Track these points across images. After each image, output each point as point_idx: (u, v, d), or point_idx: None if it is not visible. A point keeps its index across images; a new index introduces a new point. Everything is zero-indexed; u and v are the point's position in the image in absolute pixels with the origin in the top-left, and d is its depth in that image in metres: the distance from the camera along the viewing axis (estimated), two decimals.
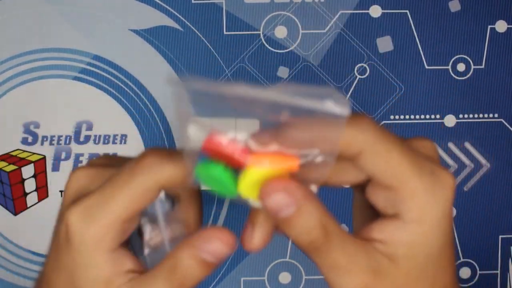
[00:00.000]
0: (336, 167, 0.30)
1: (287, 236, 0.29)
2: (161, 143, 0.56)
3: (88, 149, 0.55)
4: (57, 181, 0.55)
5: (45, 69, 0.55)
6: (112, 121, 0.56)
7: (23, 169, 0.55)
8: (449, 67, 0.56)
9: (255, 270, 0.56)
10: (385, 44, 0.56)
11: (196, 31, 0.55)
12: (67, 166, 0.55)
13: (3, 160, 0.55)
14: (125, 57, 0.55)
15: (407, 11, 0.56)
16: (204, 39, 0.56)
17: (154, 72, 0.56)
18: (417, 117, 0.56)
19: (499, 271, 0.57)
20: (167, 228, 0.32)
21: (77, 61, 0.55)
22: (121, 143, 0.56)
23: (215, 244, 0.29)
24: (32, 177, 0.55)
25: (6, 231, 0.56)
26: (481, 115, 0.56)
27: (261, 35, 0.56)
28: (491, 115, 0.56)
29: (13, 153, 0.55)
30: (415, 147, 0.30)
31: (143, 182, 0.30)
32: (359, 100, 0.56)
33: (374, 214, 0.31)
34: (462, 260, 0.28)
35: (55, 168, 0.55)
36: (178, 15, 0.55)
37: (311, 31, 0.56)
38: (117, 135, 0.56)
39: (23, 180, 0.56)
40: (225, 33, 0.56)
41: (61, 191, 0.55)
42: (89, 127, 0.56)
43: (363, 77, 0.56)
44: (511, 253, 0.57)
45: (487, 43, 0.56)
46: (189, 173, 0.29)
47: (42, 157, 0.55)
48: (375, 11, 0.56)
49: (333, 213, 0.30)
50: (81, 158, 0.56)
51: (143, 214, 0.32)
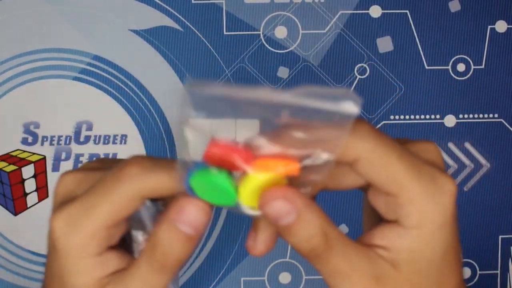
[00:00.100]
0: (335, 171, 0.30)
1: (288, 243, 0.29)
2: (161, 143, 0.56)
3: (88, 149, 0.55)
4: None
5: (45, 69, 0.55)
6: (112, 121, 0.56)
7: (23, 169, 0.55)
8: (449, 67, 0.56)
9: (255, 270, 0.56)
10: (385, 44, 0.56)
11: (196, 31, 0.55)
12: (67, 166, 0.55)
13: (3, 160, 0.55)
14: (125, 57, 0.55)
15: (407, 11, 0.56)
16: (204, 39, 0.56)
17: (154, 72, 0.56)
18: (417, 117, 0.56)
19: (499, 271, 0.57)
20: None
21: (77, 61, 0.55)
22: (121, 143, 0.56)
23: (191, 212, 0.28)
24: (32, 177, 0.55)
25: (6, 231, 0.56)
26: (481, 115, 0.56)
27: (261, 35, 0.56)
28: (491, 115, 0.56)
29: (13, 153, 0.55)
30: (418, 150, 0.30)
31: (125, 191, 0.29)
32: None
33: (381, 218, 0.31)
34: (462, 260, 0.28)
35: (55, 168, 0.55)
36: (178, 15, 0.55)
37: (311, 31, 0.56)
38: (117, 135, 0.56)
39: (23, 180, 0.56)
40: (225, 33, 0.55)
41: None
42: (89, 127, 0.56)
43: (363, 77, 0.56)
44: (511, 253, 0.57)
45: (487, 43, 0.56)
46: (180, 181, 0.28)
47: (42, 157, 0.55)
48: (375, 11, 0.56)
49: (333, 213, 0.30)
50: (81, 158, 0.56)
51: (131, 219, 0.32)
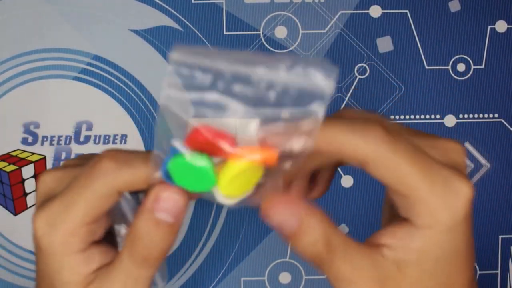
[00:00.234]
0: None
1: (294, 250, 0.29)
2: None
3: (88, 149, 0.55)
4: None
5: (45, 69, 0.55)
6: (112, 121, 0.56)
7: (23, 169, 0.55)
8: (449, 67, 0.56)
9: (255, 270, 0.56)
10: (385, 44, 0.56)
11: (196, 31, 0.55)
12: None
13: (3, 160, 0.55)
14: (125, 57, 0.55)
15: (407, 11, 0.56)
16: (204, 39, 0.56)
17: (154, 72, 0.56)
18: (417, 117, 0.56)
19: (499, 271, 0.57)
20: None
21: (77, 61, 0.55)
22: (121, 143, 0.56)
23: (168, 199, 0.28)
24: (32, 177, 0.55)
25: (6, 231, 0.56)
26: (481, 115, 0.56)
27: (261, 35, 0.56)
28: (491, 115, 0.56)
29: (13, 153, 0.55)
30: (441, 148, 0.30)
31: (100, 187, 0.29)
32: (359, 100, 0.56)
33: (397, 215, 0.31)
34: (474, 264, 0.28)
35: None
36: (178, 15, 0.55)
37: (311, 31, 0.56)
38: (117, 135, 0.56)
39: (23, 180, 0.55)
40: (225, 33, 0.55)
41: None
42: (89, 127, 0.56)
43: (363, 77, 0.56)
44: (511, 253, 0.57)
45: (487, 43, 0.56)
46: (156, 168, 0.28)
47: (42, 157, 0.55)
48: (375, 11, 0.56)
49: (333, 213, 0.30)
50: None
51: (113, 213, 0.32)
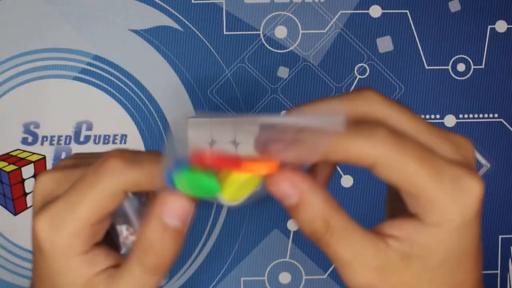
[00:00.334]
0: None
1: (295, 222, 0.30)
2: (161, 143, 0.56)
3: (88, 149, 0.55)
4: None
5: (45, 69, 0.55)
6: (112, 121, 0.56)
7: (23, 169, 0.55)
8: (449, 67, 0.56)
9: (255, 270, 0.56)
10: (385, 44, 0.56)
11: (196, 31, 0.55)
12: None
13: (3, 160, 0.55)
14: (125, 57, 0.55)
15: (407, 11, 0.56)
16: (204, 39, 0.56)
17: (154, 72, 0.56)
18: None
19: (499, 271, 0.57)
20: (141, 224, 0.32)
21: (77, 61, 0.55)
22: (121, 143, 0.56)
23: (175, 203, 0.28)
24: (32, 177, 0.55)
25: (6, 231, 0.56)
26: (481, 115, 0.56)
27: (261, 35, 0.56)
28: (491, 115, 0.56)
29: (13, 153, 0.55)
30: (451, 144, 0.29)
31: (107, 187, 0.29)
32: None
33: (403, 208, 0.31)
34: (481, 262, 0.28)
35: None
36: (178, 15, 0.55)
37: (311, 31, 0.56)
38: (117, 135, 0.56)
39: (23, 180, 0.55)
40: (225, 33, 0.55)
41: None
42: (89, 127, 0.56)
43: (363, 77, 0.56)
44: (511, 253, 0.57)
45: (487, 43, 0.56)
46: (162, 176, 0.28)
47: (42, 157, 0.55)
48: (375, 11, 0.56)
49: None
50: None
51: (115, 214, 0.32)
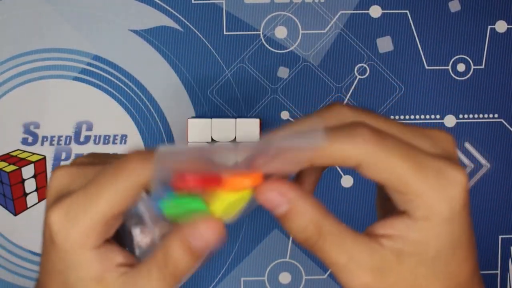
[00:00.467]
0: None
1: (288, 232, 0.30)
2: (161, 143, 0.56)
3: (88, 149, 0.55)
4: None
5: (45, 69, 0.55)
6: (112, 121, 0.56)
7: (23, 169, 0.55)
8: (449, 67, 0.56)
9: (255, 270, 0.56)
10: (385, 44, 0.56)
11: (196, 31, 0.55)
12: None
13: (3, 160, 0.55)
14: (125, 57, 0.55)
15: (407, 11, 0.56)
16: (204, 39, 0.56)
17: (154, 72, 0.56)
18: (417, 117, 0.56)
19: (499, 271, 0.57)
20: (155, 226, 0.32)
21: (77, 61, 0.55)
22: (121, 143, 0.56)
23: (204, 230, 0.29)
24: (32, 177, 0.55)
25: (6, 231, 0.56)
26: (481, 115, 0.56)
27: (261, 35, 0.56)
28: (491, 115, 0.56)
29: (13, 153, 0.55)
30: (428, 139, 0.30)
31: (127, 183, 0.30)
32: (359, 100, 0.56)
33: (393, 207, 0.31)
34: (475, 251, 0.28)
35: None
36: (178, 15, 0.55)
37: (311, 31, 0.56)
38: (117, 135, 0.56)
39: (23, 180, 0.55)
40: (225, 33, 0.55)
41: None
42: (89, 127, 0.56)
43: (363, 77, 0.56)
44: (511, 253, 0.57)
45: (487, 43, 0.56)
46: (152, 203, 0.30)
47: (42, 157, 0.55)
48: (375, 11, 0.56)
49: (334, 213, 0.30)
50: None
51: (130, 216, 0.32)
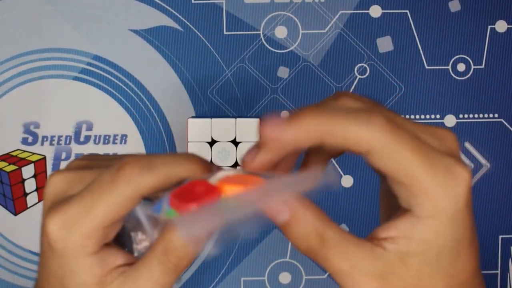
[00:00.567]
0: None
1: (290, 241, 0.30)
2: (161, 143, 0.56)
3: (88, 149, 0.55)
4: None
5: (45, 69, 0.55)
6: (112, 121, 0.56)
7: (23, 169, 0.55)
8: (449, 67, 0.56)
9: (255, 270, 0.56)
10: (385, 44, 0.56)
11: (196, 31, 0.55)
12: None
13: (3, 160, 0.55)
14: (125, 57, 0.55)
15: (407, 11, 0.56)
16: (204, 39, 0.56)
17: (154, 72, 0.56)
18: (417, 117, 0.56)
19: (499, 271, 0.57)
20: (153, 230, 0.32)
21: (77, 61, 0.55)
22: (121, 143, 0.56)
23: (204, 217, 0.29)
24: (32, 177, 0.55)
25: (6, 231, 0.56)
26: (481, 115, 0.56)
27: (261, 35, 0.56)
28: (491, 115, 0.56)
29: (13, 153, 0.55)
30: (435, 136, 0.30)
31: (124, 192, 0.30)
32: None
33: (397, 206, 0.31)
34: (478, 249, 0.28)
35: (56, 168, 0.55)
36: (178, 15, 0.55)
37: (311, 31, 0.56)
38: (117, 135, 0.56)
39: (23, 180, 0.55)
40: (225, 33, 0.55)
41: None
42: (89, 127, 0.56)
43: (363, 77, 0.56)
44: (511, 253, 0.57)
45: (487, 43, 0.56)
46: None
47: (42, 157, 0.55)
48: (375, 11, 0.56)
49: (333, 213, 0.30)
50: None
51: (128, 219, 0.32)
